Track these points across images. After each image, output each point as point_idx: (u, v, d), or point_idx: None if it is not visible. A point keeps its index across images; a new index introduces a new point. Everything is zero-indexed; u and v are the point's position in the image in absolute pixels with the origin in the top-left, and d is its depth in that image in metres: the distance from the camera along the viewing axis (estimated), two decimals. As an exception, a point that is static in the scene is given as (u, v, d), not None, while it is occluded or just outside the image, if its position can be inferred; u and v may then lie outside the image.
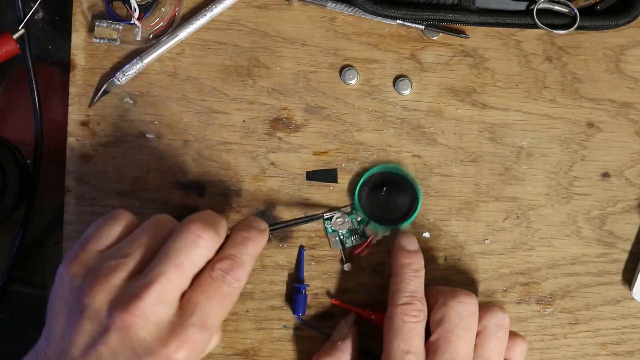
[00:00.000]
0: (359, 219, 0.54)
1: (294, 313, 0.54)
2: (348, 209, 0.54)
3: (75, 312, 0.43)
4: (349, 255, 0.54)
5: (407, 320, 0.48)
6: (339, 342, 0.51)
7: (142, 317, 0.42)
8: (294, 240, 0.54)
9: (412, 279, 0.50)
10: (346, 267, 0.54)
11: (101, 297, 0.42)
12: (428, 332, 0.49)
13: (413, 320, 0.48)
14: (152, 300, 0.42)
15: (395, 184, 0.54)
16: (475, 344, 0.49)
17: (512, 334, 0.51)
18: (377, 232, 0.54)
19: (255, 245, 0.47)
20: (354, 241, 0.54)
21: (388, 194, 0.54)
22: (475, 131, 0.55)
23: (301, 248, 0.54)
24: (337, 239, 0.54)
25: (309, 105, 0.55)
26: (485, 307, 0.50)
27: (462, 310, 0.48)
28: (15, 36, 0.55)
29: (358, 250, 0.54)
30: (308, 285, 0.54)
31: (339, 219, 0.54)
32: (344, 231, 0.54)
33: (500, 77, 0.55)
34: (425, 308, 0.49)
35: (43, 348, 0.44)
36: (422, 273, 0.51)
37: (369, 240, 0.54)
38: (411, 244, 0.52)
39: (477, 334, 0.49)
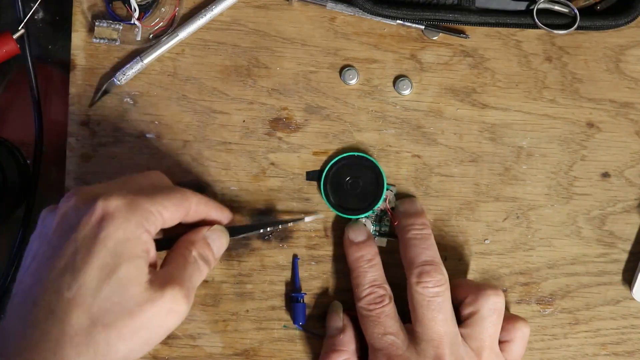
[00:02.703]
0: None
1: (294, 322, 0.54)
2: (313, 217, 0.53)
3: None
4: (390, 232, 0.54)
5: (372, 309, 0.50)
6: (341, 336, 0.51)
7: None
8: (294, 241, 0.54)
9: (368, 269, 0.51)
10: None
11: (76, 197, 0.43)
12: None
13: (378, 306, 0.50)
14: (99, 187, 0.44)
15: (360, 170, 0.54)
16: (468, 325, 0.49)
17: (514, 317, 0.51)
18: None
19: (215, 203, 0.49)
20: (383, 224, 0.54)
21: (352, 183, 0.54)
22: (475, 131, 0.55)
23: (294, 257, 0.54)
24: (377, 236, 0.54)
25: (309, 105, 0.55)
26: (477, 290, 0.50)
27: (428, 291, 0.48)
28: (15, 36, 0.55)
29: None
30: (305, 293, 0.54)
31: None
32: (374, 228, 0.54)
33: (500, 77, 0.55)
34: (388, 291, 0.51)
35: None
36: (376, 260, 0.52)
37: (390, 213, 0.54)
38: (359, 235, 0.53)
39: (470, 316, 0.50)
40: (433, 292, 0.48)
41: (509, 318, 0.51)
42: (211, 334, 0.54)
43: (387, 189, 0.53)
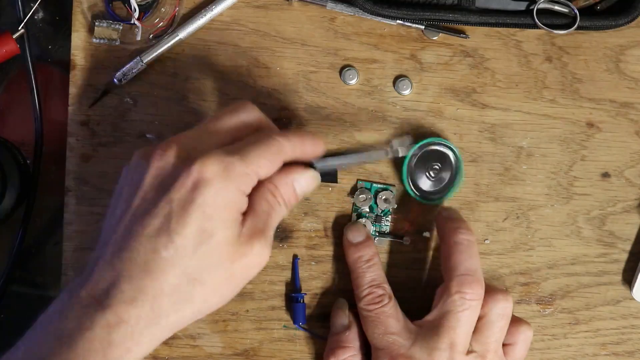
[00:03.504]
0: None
1: (294, 323, 0.54)
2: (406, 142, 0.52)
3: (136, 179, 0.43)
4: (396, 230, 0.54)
5: (372, 309, 0.50)
6: (347, 332, 0.51)
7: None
8: (294, 240, 0.54)
9: (366, 270, 0.51)
10: (406, 241, 0.54)
11: (171, 152, 0.43)
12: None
13: (378, 306, 0.50)
14: (184, 139, 0.44)
15: (440, 158, 0.54)
16: (475, 330, 0.49)
17: (518, 320, 0.51)
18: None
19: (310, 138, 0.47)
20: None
21: (432, 169, 0.53)
22: (475, 131, 0.55)
23: (295, 257, 0.54)
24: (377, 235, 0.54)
25: (309, 105, 0.55)
26: (488, 294, 0.49)
27: (464, 303, 0.48)
28: (15, 36, 0.55)
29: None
30: (305, 293, 0.54)
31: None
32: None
33: (500, 77, 0.55)
34: (388, 290, 0.51)
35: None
36: (375, 260, 0.52)
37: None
38: (357, 236, 0.52)
39: (478, 320, 0.49)
40: (468, 305, 0.48)
41: (513, 321, 0.51)
42: (211, 334, 0.54)
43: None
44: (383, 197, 0.54)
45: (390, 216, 0.54)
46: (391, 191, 0.54)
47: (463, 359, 0.48)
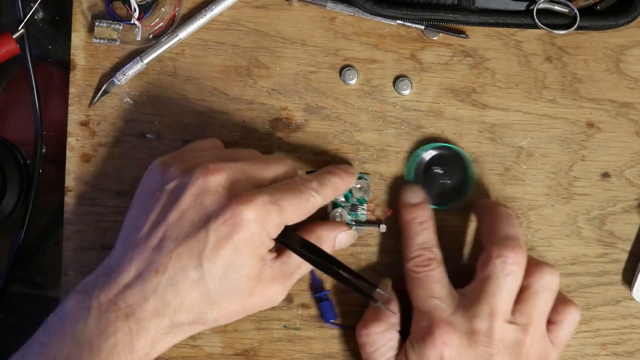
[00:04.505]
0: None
1: (326, 322, 0.53)
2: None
3: (151, 195, 0.46)
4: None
5: (419, 270, 0.50)
6: (385, 307, 0.51)
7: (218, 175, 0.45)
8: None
9: (419, 232, 0.51)
10: (382, 228, 0.54)
11: (220, 178, 0.45)
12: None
13: (426, 269, 0.50)
14: (232, 170, 0.46)
15: (449, 162, 0.54)
16: (519, 300, 0.48)
17: (566, 300, 0.51)
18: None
19: (338, 178, 0.50)
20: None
21: (440, 173, 0.54)
22: (475, 131, 0.55)
23: None
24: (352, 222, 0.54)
25: (309, 105, 0.55)
26: (534, 265, 0.49)
27: (505, 268, 0.48)
28: (15, 36, 0.55)
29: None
30: (329, 290, 0.54)
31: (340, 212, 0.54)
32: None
33: (500, 77, 0.55)
34: (438, 255, 0.50)
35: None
36: (429, 224, 0.51)
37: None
38: (414, 197, 0.52)
39: (522, 291, 0.49)
40: (509, 270, 0.48)
41: (562, 300, 0.50)
42: (211, 334, 0.54)
43: (362, 178, 0.53)
44: (358, 186, 0.54)
45: (365, 204, 0.54)
46: (365, 179, 0.54)
47: (503, 327, 0.47)
